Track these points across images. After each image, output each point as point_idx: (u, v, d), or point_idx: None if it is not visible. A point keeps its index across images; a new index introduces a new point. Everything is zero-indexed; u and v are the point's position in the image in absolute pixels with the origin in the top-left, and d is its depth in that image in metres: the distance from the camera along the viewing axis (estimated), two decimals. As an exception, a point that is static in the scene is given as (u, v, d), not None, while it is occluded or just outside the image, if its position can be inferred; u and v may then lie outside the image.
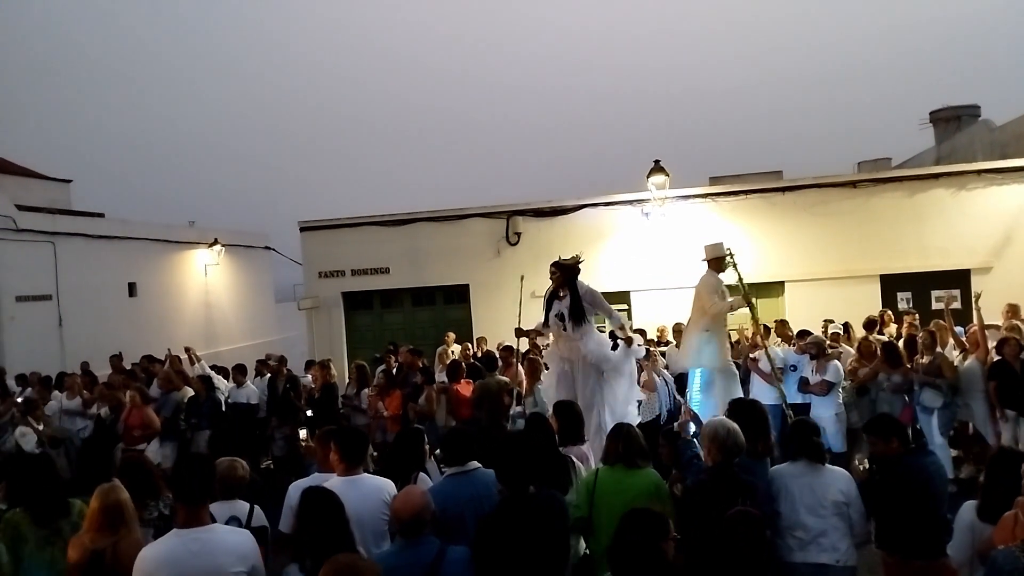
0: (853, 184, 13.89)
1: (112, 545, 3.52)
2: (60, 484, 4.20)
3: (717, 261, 7.46)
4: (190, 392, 9.79)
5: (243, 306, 23.36)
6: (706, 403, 6.98)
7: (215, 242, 20.92)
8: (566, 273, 6.85)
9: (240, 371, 10.61)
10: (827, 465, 4.34)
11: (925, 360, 8.27)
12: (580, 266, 6.94)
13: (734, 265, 7.31)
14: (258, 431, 10.17)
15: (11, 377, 12.02)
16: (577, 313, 6.70)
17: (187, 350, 11.32)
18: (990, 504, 3.70)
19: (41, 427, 8.93)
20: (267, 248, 25.04)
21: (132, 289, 18.84)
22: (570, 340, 6.77)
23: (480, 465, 4.17)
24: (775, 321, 10.77)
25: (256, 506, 4.15)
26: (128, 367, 12.18)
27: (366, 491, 3.99)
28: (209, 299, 21.56)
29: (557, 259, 6.98)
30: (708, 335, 7.12)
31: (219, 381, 10.38)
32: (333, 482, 4.00)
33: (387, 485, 4.07)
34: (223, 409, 9.90)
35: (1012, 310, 9.28)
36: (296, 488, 4.21)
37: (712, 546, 3.26)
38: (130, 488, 3.86)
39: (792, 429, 4.52)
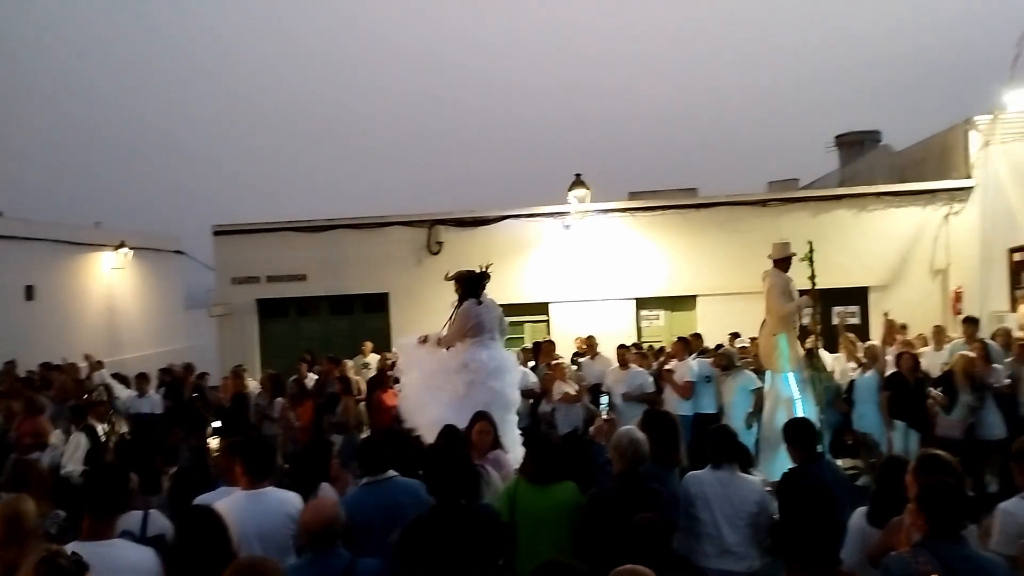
0: (763, 203, 14.49)
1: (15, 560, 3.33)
2: None
3: (784, 261, 7.41)
4: (89, 401, 9.33)
5: (150, 312, 22.46)
6: (807, 402, 6.90)
7: (122, 244, 20.06)
8: (465, 287, 6.78)
9: (143, 379, 10.20)
10: (744, 475, 4.48)
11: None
12: (480, 277, 6.76)
13: (811, 261, 7.14)
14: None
15: None
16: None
17: (86, 357, 10.82)
18: (879, 510, 3.90)
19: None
20: (178, 252, 24.19)
21: (30, 292, 17.86)
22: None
23: (396, 473, 4.14)
24: (691, 334, 11.11)
25: (152, 512, 3.96)
26: (23, 374, 11.54)
27: (271, 505, 3.89)
28: (113, 304, 20.64)
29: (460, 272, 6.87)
30: (776, 339, 7.02)
31: (120, 390, 9.95)
32: (236, 496, 3.89)
33: (293, 499, 3.97)
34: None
35: (890, 325, 9.81)
36: (201, 503, 4.08)
37: (617, 552, 3.32)
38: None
39: (714, 435, 4.58)
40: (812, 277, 7.19)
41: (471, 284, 6.75)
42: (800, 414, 6.77)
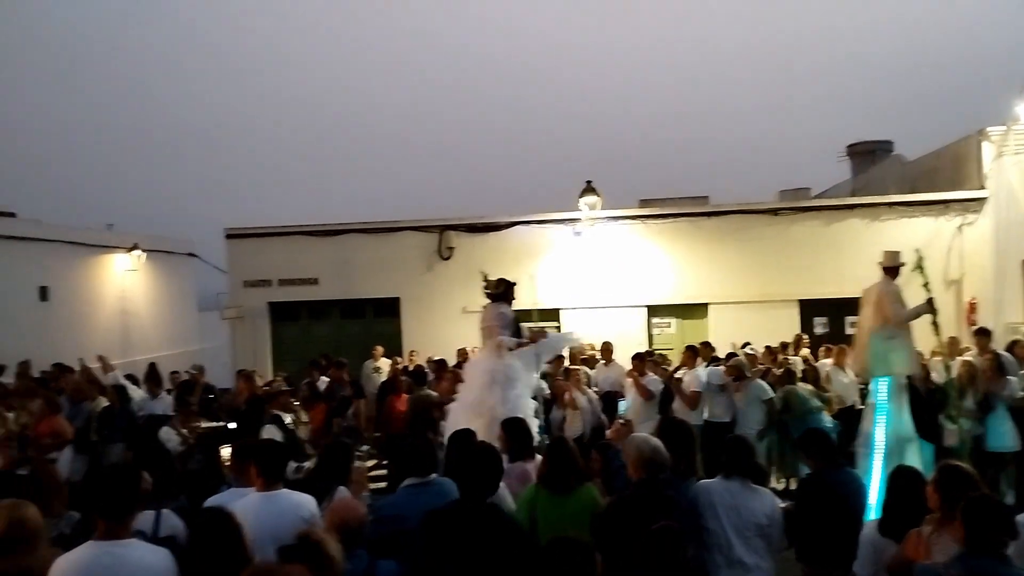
0: (774, 212, 14.45)
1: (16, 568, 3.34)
2: None
3: (894, 269, 7.42)
4: (104, 402, 9.38)
5: (163, 314, 22.57)
6: (899, 411, 6.80)
7: (135, 247, 20.18)
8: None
9: (155, 381, 10.22)
10: (756, 486, 4.45)
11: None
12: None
13: (922, 271, 7.22)
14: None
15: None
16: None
17: (100, 358, 10.87)
18: (891, 521, 3.88)
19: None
20: (191, 255, 24.31)
21: (44, 293, 17.99)
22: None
23: (437, 475, 4.14)
24: (700, 343, 11.07)
25: (164, 511, 3.94)
26: (37, 375, 11.61)
27: (284, 508, 3.88)
28: (126, 306, 20.75)
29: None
30: (895, 341, 6.99)
31: (133, 391, 9.98)
32: (251, 498, 3.90)
33: (307, 501, 3.98)
34: (138, 422, 9.50)
35: None
36: (214, 504, 4.09)
37: (633, 560, 3.32)
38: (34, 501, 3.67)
39: (730, 446, 4.55)
40: (926, 285, 7.20)
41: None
42: (882, 419, 6.70)
